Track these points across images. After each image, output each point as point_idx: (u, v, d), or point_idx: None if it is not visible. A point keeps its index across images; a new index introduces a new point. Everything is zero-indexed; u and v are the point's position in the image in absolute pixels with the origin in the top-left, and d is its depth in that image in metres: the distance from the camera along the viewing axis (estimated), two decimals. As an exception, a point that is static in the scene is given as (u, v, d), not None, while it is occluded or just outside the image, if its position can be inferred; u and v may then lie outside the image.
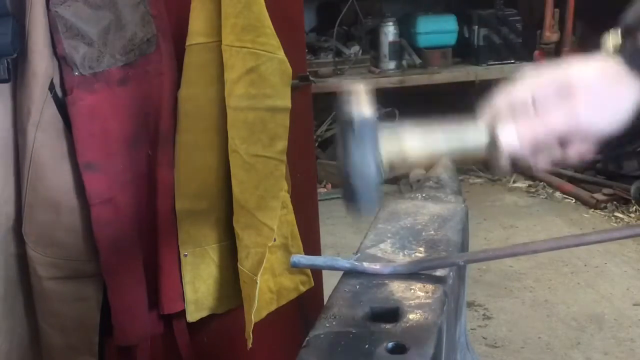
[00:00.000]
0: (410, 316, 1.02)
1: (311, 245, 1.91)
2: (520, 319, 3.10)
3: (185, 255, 1.64)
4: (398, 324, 1.00)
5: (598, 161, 4.67)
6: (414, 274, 1.13)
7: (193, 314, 1.68)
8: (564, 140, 0.94)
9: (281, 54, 1.56)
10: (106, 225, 1.52)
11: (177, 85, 1.59)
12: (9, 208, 1.49)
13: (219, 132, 1.59)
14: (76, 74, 1.47)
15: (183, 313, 1.67)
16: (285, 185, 1.68)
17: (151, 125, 1.58)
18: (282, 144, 1.59)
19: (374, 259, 1.21)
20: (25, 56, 1.41)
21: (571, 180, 4.63)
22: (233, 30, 1.52)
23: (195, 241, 1.65)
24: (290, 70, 1.58)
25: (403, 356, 0.92)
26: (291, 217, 1.72)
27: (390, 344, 0.95)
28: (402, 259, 1.21)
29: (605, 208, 4.25)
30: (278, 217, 1.63)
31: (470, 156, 1.00)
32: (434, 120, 0.99)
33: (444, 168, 1.67)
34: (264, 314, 1.67)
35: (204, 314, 1.69)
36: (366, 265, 1.15)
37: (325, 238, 2.26)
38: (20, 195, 1.48)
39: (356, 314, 1.03)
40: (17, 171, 1.48)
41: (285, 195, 1.69)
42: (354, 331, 0.99)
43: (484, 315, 3.13)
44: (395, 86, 4.64)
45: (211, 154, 1.61)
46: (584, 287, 3.36)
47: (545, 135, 0.93)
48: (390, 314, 1.03)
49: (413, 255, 1.23)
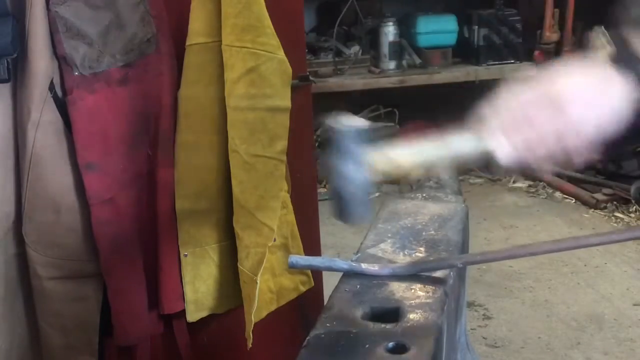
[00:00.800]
0: (411, 316, 1.02)
1: (311, 245, 1.91)
2: (520, 319, 3.10)
3: (185, 255, 1.64)
4: (398, 324, 1.00)
5: (598, 161, 4.67)
6: (414, 274, 1.13)
7: (193, 314, 1.68)
8: (561, 143, 0.94)
9: (281, 54, 1.56)
10: (106, 225, 1.52)
11: (177, 85, 1.59)
12: (9, 208, 1.49)
13: (219, 132, 1.59)
14: (76, 74, 1.47)
15: (183, 313, 1.67)
16: (285, 185, 1.68)
17: (151, 125, 1.58)
18: (282, 144, 1.59)
19: (375, 259, 1.21)
20: (25, 56, 1.41)
21: (571, 180, 4.62)
22: (233, 30, 1.52)
23: (195, 241, 1.65)
24: (290, 70, 1.58)
25: (403, 356, 0.92)
26: (291, 217, 1.72)
27: (390, 344, 0.95)
28: (403, 259, 1.21)
29: (605, 208, 4.25)
30: (278, 217, 1.63)
31: (464, 163, 1.01)
32: (425, 136, 1.01)
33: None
34: (264, 314, 1.67)
35: (204, 314, 1.69)
36: (364, 267, 1.15)
37: (325, 238, 2.26)
38: (20, 195, 1.48)
39: (356, 314, 1.03)
40: (17, 171, 1.48)
41: (285, 195, 1.69)
42: (354, 331, 0.99)
43: (484, 315, 3.13)
44: (395, 86, 4.64)
45: (211, 154, 1.61)
46: (584, 287, 3.36)
47: (538, 139, 0.94)
48: (391, 314, 1.03)
49: (413, 255, 1.23)
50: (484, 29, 4.76)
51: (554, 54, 4.69)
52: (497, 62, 4.76)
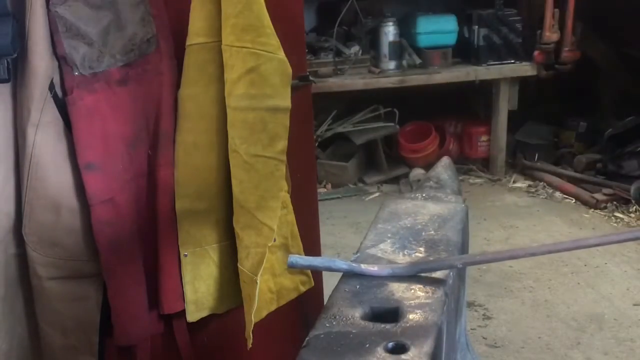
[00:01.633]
0: (411, 316, 1.02)
1: (311, 245, 1.91)
2: (520, 319, 3.10)
3: (185, 255, 1.64)
4: (398, 323, 1.00)
5: (598, 161, 4.67)
6: (413, 275, 1.13)
7: (193, 314, 1.68)
8: None
9: (281, 54, 1.56)
10: (106, 225, 1.52)
11: (177, 85, 1.59)
12: (9, 208, 1.49)
13: (219, 132, 1.59)
14: (76, 74, 1.47)
15: (183, 313, 1.67)
16: (285, 185, 1.68)
17: (151, 125, 1.58)
18: (282, 144, 1.59)
19: (374, 259, 1.21)
20: (25, 56, 1.41)
21: (571, 180, 4.63)
22: (233, 30, 1.52)
23: (195, 241, 1.65)
24: (290, 70, 1.58)
25: (403, 356, 0.92)
26: (291, 217, 1.72)
27: (390, 344, 0.95)
28: (402, 258, 1.21)
29: (605, 208, 4.25)
30: (278, 217, 1.63)
31: None
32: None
33: (444, 168, 1.67)
34: (264, 314, 1.67)
35: (204, 314, 1.69)
36: (364, 267, 1.15)
37: (325, 238, 2.26)
38: (20, 195, 1.48)
39: (356, 314, 1.03)
40: (17, 171, 1.48)
41: (285, 195, 1.69)
42: (354, 331, 0.99)
43: (484, 315, 3.13)
44: (395, 86, 4.64)
45: (211, 154, 1.61)
46: (584, 287, 3.36)
47: None
48: (390, 314, 1.03)
49: (413, 255, 1.23)
50: (484, 29, 4.76)
51: (554, 54, 4.69)
52: (497, 62, 4.76)
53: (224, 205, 1.64)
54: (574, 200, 4.45)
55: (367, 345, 0.94)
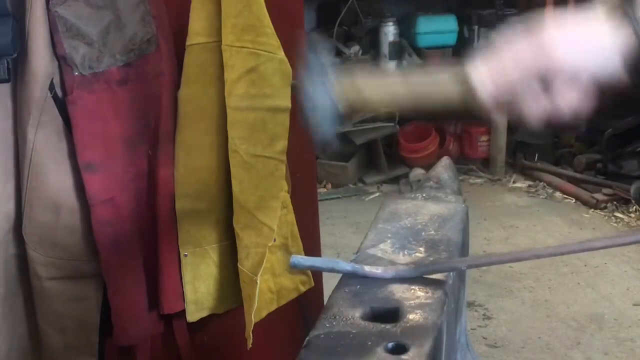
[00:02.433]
0: (411, 316, 1.02)
1: (311, 245, 1.91)
2: (520, 319, 3.10)
3: (185, 255, 1.64)
4: (398, 324, 1.00)
5: (598, 161, 4.67)
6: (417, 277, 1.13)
7: (193, 314, 1.68)
8: (545, 85, 0.90)
9: (281, 54, 1.56)
10: (106, 225, 1.52)
11: (177, 85, 1.59)
12: (9, 208, 1.49)
13: (219, 132, 1.59)
14: (76, 74, 1.47)
15: (183, 313, 1.67)
16: (285, 185, 1.68)
17: (151, 125, 1.58)
18: (282, 144, 1.59)
19: (374, 259, 1.21)
20: (25, 56, 1.41)
21: (571, 180, 4.63)
22: (233, 30, 1.52)
23: (195, 241, 1.65)
24: (290, 70, 1.58)
25: (403, 356, 0.92)
26: (291, 217, 1.72)
27: (390, 344, 0.95)
28: (402, 259, 1.21)
29: (605, 208, 4.25)
30: (278, 217, 1.63)
31: (439, 103, 0.95)
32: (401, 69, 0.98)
33: (444, 168, 1.67)
34: (264, 314, 1.67)
35: (204, 314, 1.69)
36: (367, 269, 1.14)
37: (325, 238, 2.26)
38: (20, 195, 1.48)
39: (356, 314, 1.03)
40: (17, 171, 1.48)
41: (285, 195, 1.69)
42: (354, 331, 0.99)
43: (484, 315, 3.13)
44: (395, 86, 4.63)
45: (211, 154, 1.61)
46: (584, 287, 3.36)
47: (521, 77, 0.89)
48: (390, 314, 1.03)
49: (413, 255, 1.23)
50: (484, 29, 4.76)
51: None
52: (497, 62, 4.75)
53: (224, 205, 1.64)
54: (574, 200, 4.45)
55: (367, 345, 0.94)
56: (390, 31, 4.75)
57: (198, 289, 1.67)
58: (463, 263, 1.19)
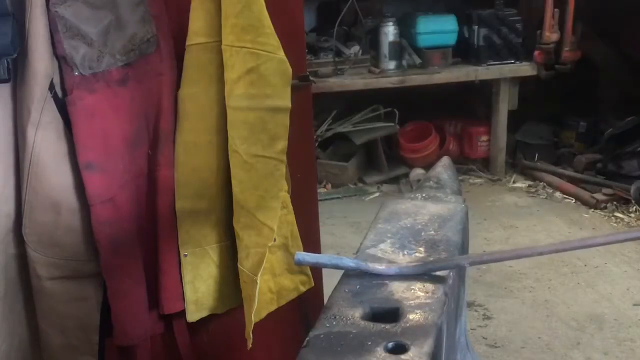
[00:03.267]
0: (410, 316, 1.02)
1: (311, 245, 1.91)
2: (520, 319, 3.10)
3: (185, 255, 1.64)
4: (398, 323, 1.00)
5: (598, 161, 4.67)
6: (420, 274, 1.13)
7: (193, 314, 1.68)
8: None
9: (281, 54, 1.56)
10: (106, 225, 1.52)
11: (177, 85, 1.59)
12: (9, 208, 1.48)
13: (219, 132, 1.59)
14: (76, 74, 1.46)
15: (183, 313, 1.67)
16: (285, 185, 1.68)
17: (151, 125, 1.58)
18: (282, 144, 1.59)
19: (374, 259, 1.21)
20: (25, 56, 1.41)
21: (571, 180, 4.63)
22: (233, 30, 1.52)
23: (195, 241, 1.65)
24: (290, 70, 1.58)
25: (403, 356, 0.92)
26: (291, 217, 1.72)
27: (390, 344, 0.95)
28: (402, 259, 1.21)
29: (605, 208, 4.25)
30: (278, 217, 1.63)
31: None
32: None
33: (444, 168, 1.67)
34: (264, 314, 1.67)
35: (204, 314, 1.69)
36: (371, 266, 1.14)
37: (325, 238, 2.26)
38: (20, 195, 1.48)
39: (356, 314, 1.03)
40: (17, 171, 1.48)
41: (285, 195, 1.69)
42: (354, 331, 0.99)
43: (484, 315, 3.13)
44: (395, 86, 4.64)
45: (211, 154, 1.61)
46: (584, 287, 3.36)
47: None
48: (390, 314, 1.03)
49: (413, 255, 1.23)
50: (484, 29, 4.75)
51: (554, 54, 4.69)
52: (497, 62, 4.76)
53: (224, 206, 1.64)
54: (574, 200, 4.45)
55: (367, 345, 0.94)
56: (390, 31, 4.74)
57: (198, 289, 1.67)
58: (466, 260, 1.19)
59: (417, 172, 4.78)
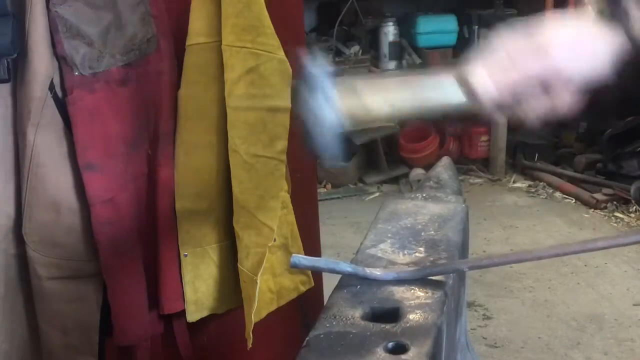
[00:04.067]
0: (411, 316, 1.02)
1: (311, 245, 1.91)
2: (520, 319, 3.10)
3: (185, 255, 1.64)
4: (398, 324, 1.00)
5: (598, 161, 4.67)
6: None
7: (193, 314, 1.68)
8: (545, 87, 0.93)
9: (281, 54, 1.56)
10: (106, 225, 1.52)
11: (177, 85, 1.59)
12: (9, 208, 1.48)
13: (219, 132, 1.59)
14: (76, 74, 1.46)
15: (183, 313, 1.67)
16: (285, 185, 1.68)
17: (151, 125, 1.58)
18: (282, 144, 1.59)
19: (374, 259, 1.21)
20: (25, 56, 1.41)
21: (571, 180, 4.63)
22: (233, 30, 1.52)
23: (195, 241, 1.65)
24: (290, 70, 1.58)
25: (403, 356, 0.92)
26: (291, 217, 1.72)
27: (390, 344, 0.95)
28: (402, 259, 1.21)
29: (605, 208, 4.25)
30: (278, 217, 1.63)
31: (440, 107, 0.96)
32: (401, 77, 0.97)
33: (444, 168, 1.67)
34: (263, 314, 1.67)
35: (204, 314, 1.69)
36: (368, 271, 1.14)
37: (325, 238, 2.26)
38: (20, 195, 1.48)
39: (356, 314, 1.03)
40: (17, 171, 1.48)
41: (285, 195, 1.69)
42: (354, 331, 0.99)
43: (484, 315, 3.13)
44: (395, 86, 4.63)
45: (211, 154, 1.61)
46: (584, 287, 3.36)
47: (522, 80, 0.92)
48: (390, 314, 1.03)
49: (413, 255, 1.23)
50: (484, 29, 4.76)
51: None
52: (497, 62, 4.75)
53: (224, 206, 1.64)
54: (574, 200, 4.45)
55: (367, 345, 0.94)
56: (390, 31, 4.75)
57: (198, 289, 1.67)
58: (465, 265, 1.19)
59: (417, 172, 4.79)
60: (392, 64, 4.77)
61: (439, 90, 0.95)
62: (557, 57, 0.93)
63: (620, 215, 4.17)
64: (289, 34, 1.71)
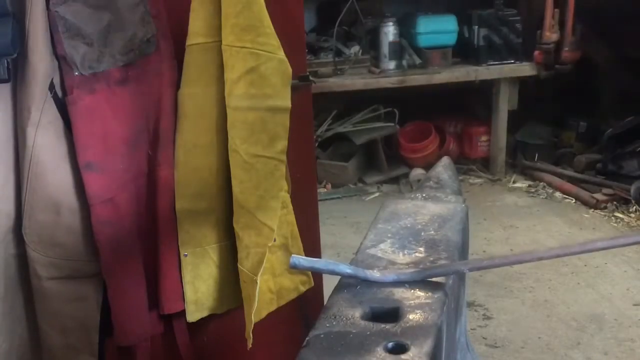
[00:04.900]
0: (410, 316, 1.02)
1: (311, 245, 1.91)
2: (520, 319, 3.10)
3: (185, 255, 1.64)
4: (398, 323, 1.00)
5: (598, 161, 4.67)
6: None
7: (193, 314, 1.68)
8: None
9: (281, 54, 1.56)
10: (106, 225, 1.52)
11: (177, 85, 1.59)
12: (9, 208, 1.48)
13: (219, 132, 1.59)
14: (76, 74, 1.47)
15: (183, 313, 1.67)
16: (285, 185, 1.68)
17: (151, 125, 1.58)
18: (282, 144, 1.59)
19: (374, 259, 1.21)
20: (25, 56, 1.41)
21: (571, 180, 4.62)
22: (233, 30, 1.52)
23: (195, 241, 1.65)
24: (290, 70, 1.58)
25: (403, 356, 0.92)
26: (291, 217, 1.72)
27: (390, 344, 0.95)
28: (402, 259, 1.21)
29: (605, 208, 4.25)
30: (278, 217, 1.63)
31: None
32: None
33: (444, 168, 1.67)
34: (263, 314, 1.67)
35: (204, 314, 1.69)
36: (368, 273, 1.14)
37: (325, 238, 2.26)
38: (20, 195, 1.48)
39: (356, 314, 1.03)
40: (17, 171, 1.48)
41: (285, 195, 1.69)
42: (354, 331, 0.99)
43: (484, 315, 3.13)
44: (395, 86, 4.64)
45: (211, 154, 1.61)
46: (584, 287, 3.36)
47: None
48: (390, 314, 1.03)
49: (413, 255, 1.23)
50: (484, 29, 4.76)
51: (554, 54, 4.69)
52: (497, 62, 4.76)
53: (224, 205, 1.64)
54: (574, 200, 4.45)
55: (367, 345, 0.94)
56: (390, 31, 4.74)
57: (198, 289, 1.67)
58: (465, 266, 1.19)
59: (417, 172, 4.78)
60: (392, 64, 4.76)
61: None
62: None
63: (620, 215, 4.17)
64: (289, 34, 1.71)
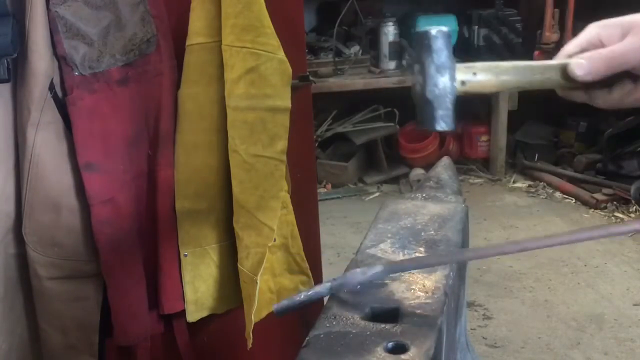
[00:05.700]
0: (410, 316, 1.02)
1: (311, 245, 1.91)
2: (520, 319, 3.10)
3: (185, 255, 1.64)
4: (398, 324, 1.00)
5: (598, 161, 4.67)
6: (412, 273, 1.13)
7: (193, 314, 1.68)
8: (635, 72, 0.99)
9: (281, 54, 1.56)
10: (106, 225, 1.52)
11: (177, 85, 1.59)
12: (9, 208, 1.49)
13: (219, 132, 1.59)
14: (76, 74, 1.47)
15: (183, 313, 1.67)
16: (285, 185, 1.68)
17: (151, 125, 1.58)
18: (282, 144, 1.59)
19: (374, 259, 1.21)
20: (25, 56, 1.41)
21: (571, 180, 4.63)
22: (233, 30, 1.52)
23: (195, 241, 1.65)
24: (290, 70, 1.58)
25: (403, 356, 0.92)
26: (291, 217, 1.72)
27: (390, 344, 0.95)
28: (402, 258, 1.21)
29: (605, 208, 4.25)
30: (278, 217, 1.63)
31: (540, 84, 1.06)
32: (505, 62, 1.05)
33: (444, 168, 1.67)
34: (264, 314, 1.67)
35: (204, 314, 1.70)
36: (349, 277, 1.09)
37: (325, 238, 2.26)
38: (20, 195, 1.48)
39: (356, 314, 1.03)
40: (17, 171, 1.48)
41: (285, 195, 1.69)
42: (353, 331, 0.99)
43: (484, 315, 3.13)
44: (395, 86, 4.64)
45: (211, 154, 1.61)
46: (584, 287, 3.36)
47: (614, 62, 0.99)
48: (390, 314, 1.03)
49: (414, 256, 1.23)
50: (484, 29, 4.76)
51: (554, 54, 4.69)
52: (497, 62, 4.75)
53: (224, 206, 1.64)
54: (574, 200, 4.46)
55: (367, 345, 0.94)
56: (390, 31, 4.75)
57: (198, 289, 1.67)
58: (447, 257, 1.18)
59: (417, 172, 4.79)
60: (392, 64, 4.77)
61: (542, 74, 1.05)
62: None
63: (620, 215, 4.17)
64: (289, 34, 1.71)
